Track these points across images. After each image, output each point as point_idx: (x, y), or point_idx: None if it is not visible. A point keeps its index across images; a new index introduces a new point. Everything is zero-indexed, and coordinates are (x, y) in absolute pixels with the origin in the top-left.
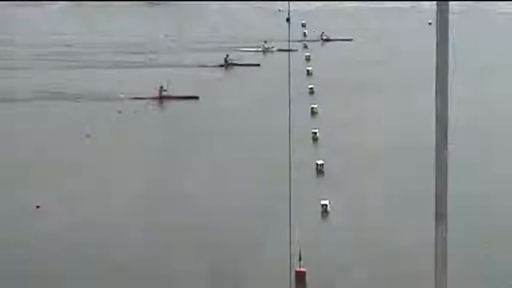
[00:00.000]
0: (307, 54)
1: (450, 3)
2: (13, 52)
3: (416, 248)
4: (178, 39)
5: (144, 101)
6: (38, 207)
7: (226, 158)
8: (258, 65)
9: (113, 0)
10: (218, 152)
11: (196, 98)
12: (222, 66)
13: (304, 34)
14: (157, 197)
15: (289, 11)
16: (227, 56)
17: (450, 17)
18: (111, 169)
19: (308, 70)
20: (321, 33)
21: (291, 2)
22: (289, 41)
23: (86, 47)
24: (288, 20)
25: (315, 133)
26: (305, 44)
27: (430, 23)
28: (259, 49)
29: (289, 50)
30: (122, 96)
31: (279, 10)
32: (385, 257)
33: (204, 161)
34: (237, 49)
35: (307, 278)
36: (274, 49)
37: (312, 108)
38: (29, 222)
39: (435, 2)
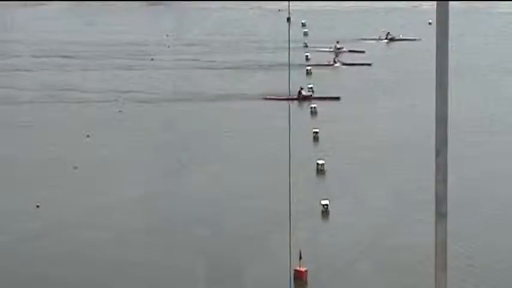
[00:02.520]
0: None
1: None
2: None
3: (417, 248)
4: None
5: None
6: None
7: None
8: (370, 64)
9: (113, 0)
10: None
11: (337, 98)
12: (328, 65)
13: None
14: None
15: (289, 11)
16: (336, 56)
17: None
18: None
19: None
20: (386, 32)
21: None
22: (289, 41)
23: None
24: (288, 19)
25: None
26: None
27: (430, 23)
28: (331, 49)
29: (293, 50)
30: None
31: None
32: (384, 257)
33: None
34: (312, 50)
35: (307, 277)
36: (344, 49)
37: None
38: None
39: (435, 2)
